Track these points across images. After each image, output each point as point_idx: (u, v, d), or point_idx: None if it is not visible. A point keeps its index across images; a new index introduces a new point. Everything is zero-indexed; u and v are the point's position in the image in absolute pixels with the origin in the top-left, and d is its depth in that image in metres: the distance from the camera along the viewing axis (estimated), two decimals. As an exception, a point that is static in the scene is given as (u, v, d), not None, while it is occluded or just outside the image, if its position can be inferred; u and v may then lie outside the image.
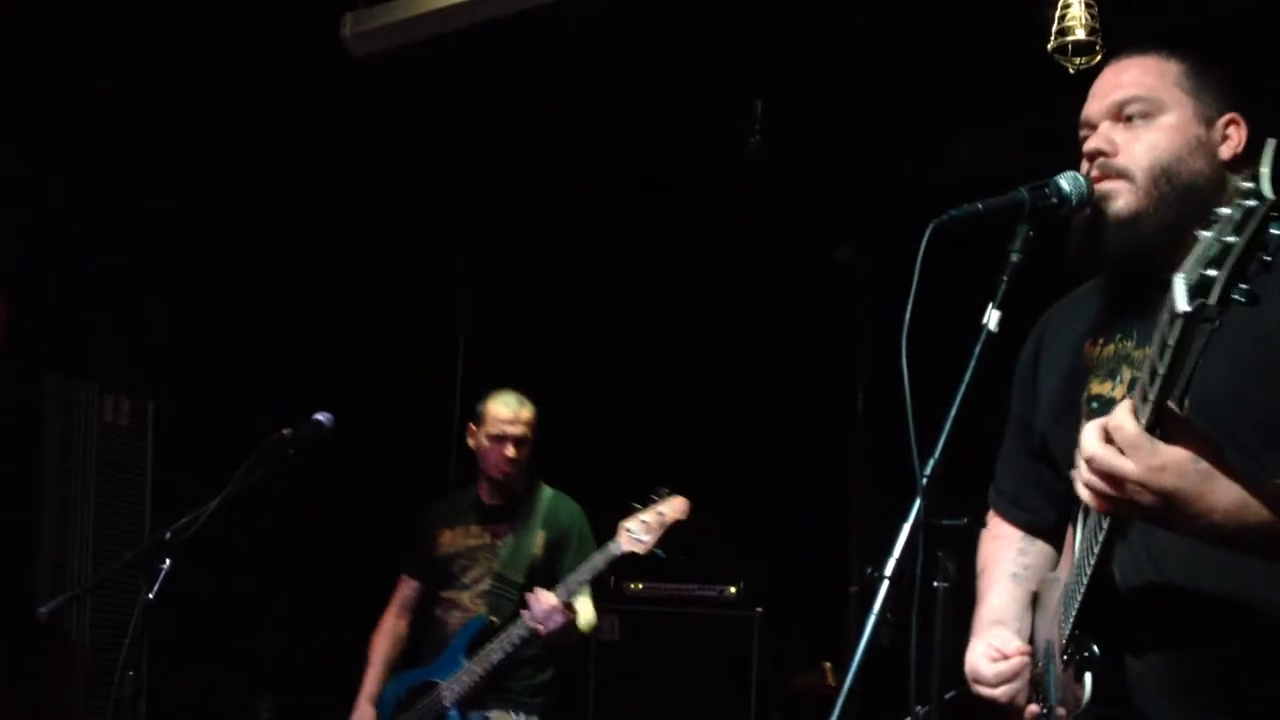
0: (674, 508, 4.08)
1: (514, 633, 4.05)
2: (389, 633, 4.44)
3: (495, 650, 4.07)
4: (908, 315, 1.85)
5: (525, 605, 4.05)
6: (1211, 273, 1.49)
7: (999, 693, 2.08)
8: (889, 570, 1.76)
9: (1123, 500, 1.66)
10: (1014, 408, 2.29)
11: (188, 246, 5.05)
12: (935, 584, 1.83)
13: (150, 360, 4.93)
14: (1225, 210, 1.52)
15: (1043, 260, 1.94)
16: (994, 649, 2.10)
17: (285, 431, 3.57)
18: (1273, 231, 1.49)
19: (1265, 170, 1.55)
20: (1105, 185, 1.99)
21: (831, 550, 5.61)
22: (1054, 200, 1.96)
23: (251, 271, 5.23)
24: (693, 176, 5.38)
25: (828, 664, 5.60)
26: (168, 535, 3.23)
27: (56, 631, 4.55)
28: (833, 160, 5.21)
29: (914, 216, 1.95)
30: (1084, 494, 1.72)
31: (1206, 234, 1.52)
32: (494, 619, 4.13)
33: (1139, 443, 1.63)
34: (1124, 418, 1.64)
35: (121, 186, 4.84)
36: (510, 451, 4.26)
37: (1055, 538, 2.21)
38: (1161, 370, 1.57)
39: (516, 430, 4.29)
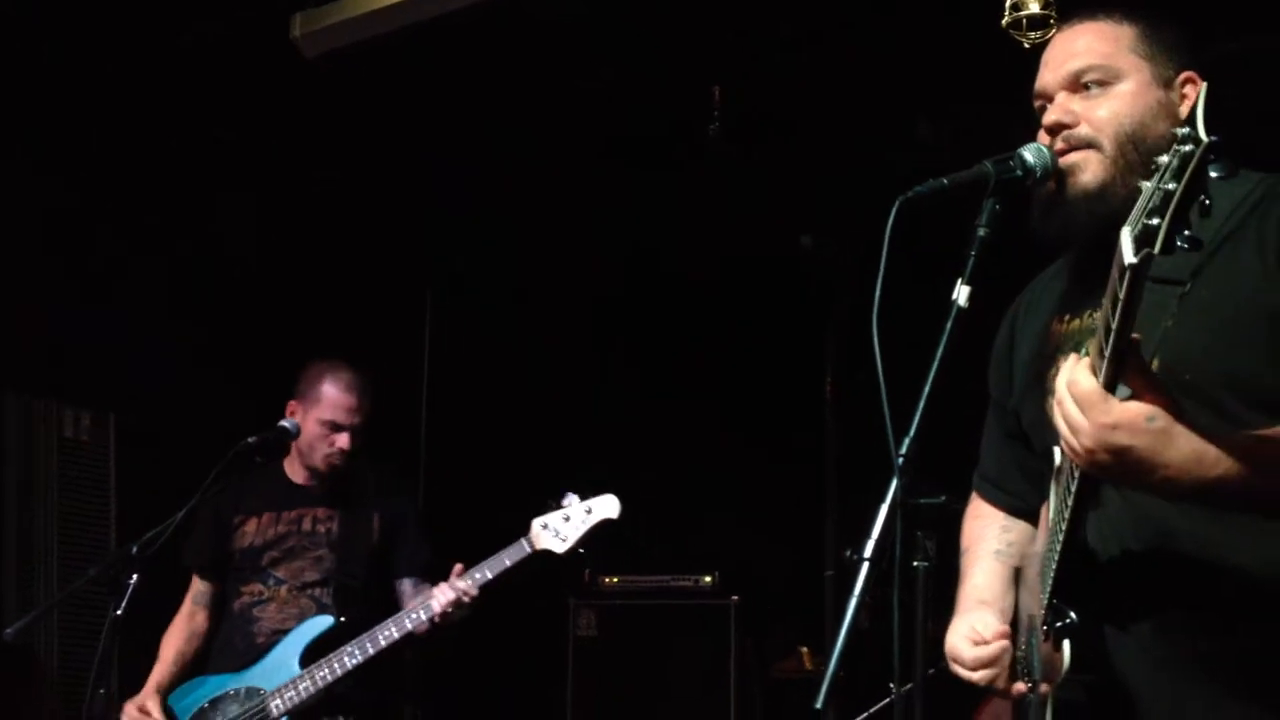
0: (602, 506, 3.71)
1: (378, 634, 3.57)
2: (183, 628, 3.87)
3: (349, 655, 3.57)
4: (877, 293, 1.83)
5: (369, 601, 3.68)
6: (1155, 221, 1.48)
7: (977, 676, 2.07)
8: (869, 552, 1.75)
9: (1081, 455, 1.67)
10: (992, 391, 2.29)
11: (143, 256, 4.99)
12: (915, 564, 1.82)
13: (110, 373, 4.86)
14: (1164, 158, 1.52)
15: (1012, 234, 1.93)
16: (975, 631, 2.09)
17: (251, 439, 3.54)
18: (1211, 174, 1.49)
19: (1200, 112, 1.55)
20: (1072, 157, 1.97)
21: (806, 536, 5.60)
22: (1019, 173, 1.94)
23: (209, 279, 5.17)
24: (653, 164, 5.35)
25: (805, 649, 5.60)
26: (135, 550, 3.19)
27: (24, 651, 4.48)
28: (793, 146, 5.20)
29: (877, 200, 1.94)
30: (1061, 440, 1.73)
31: (1148, 184, 1.52)
32: (343, 619, 3.67)
33: (1093, 399, 1.63)
34: (1080, 373, 1.65)
35: (75, 196, 4.77)
36: (345, 444, 3.76)
37: (1037, 518, 2.20)
38: (1114, 325, 1.57)
39: (357, 420, 3.77)
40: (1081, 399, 1.64)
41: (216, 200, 5.17)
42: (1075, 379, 1.65)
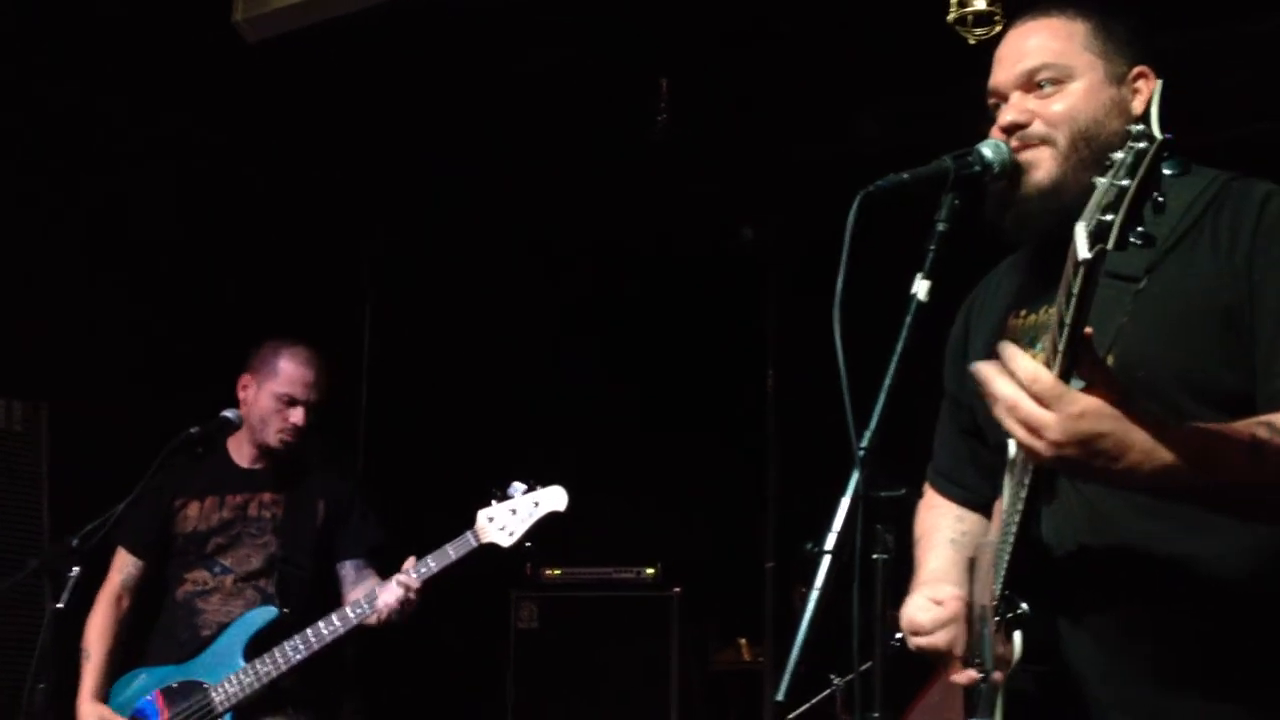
0: (550, 499, 3.65)
1: (323, 629, 3.51)
2: (110, 620, 3.71)
3: (294, 649, 3.49)
4: (839, 287, 1.83)
5: (314, 592, 3.62)
6: (1108, 217, 1.50)
7: (937, 639, 2.05)
8: (829, 545, 1.75)
9: (1045, 451, 1.65)
10: (947, 385, 2.30)
11: (74, 243, 4.89)
12: (874, 557, 1.82)
13: (43, 362, 4.76)
14: (1119, 154, 1.54)
15: (970, 228, 1.94)
16: (929, 599, 2.09)
17: (192, 430, 3.49)
18: (1164, 171, 1.51)
19: (1154, 110, 1.57)
20: (1027, 154, 1.98)
21: (747, 528, 5.64)
22: (978, 168, 1.95)
23: (142, 266, 5.08)
24: (598, 156, 5.35)
25: (744, 640, 5.64)
26: (75, 542, 3.13)
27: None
28: (737, 138, 5.21)
29: (819, 194, 1.94)
30: (1015, 440, 1.70)
31: (1102, 180, 1.54)
32: (287, 610, 3.60)
33: (1053, 392, 1.62)
34: (1036, 369, 1.63)
35: (2, 183, 4.66)
36: (300, 419, 3.69)
37: (990, 511, 2.21)
38: (1068, 319, 1.58)
39: (313, 396, 3.72)
40: (1043, 394, 1.62)
41: (149, 186, 5.08)
42: (1035, 375, 1.63)
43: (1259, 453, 1.69)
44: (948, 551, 2.24)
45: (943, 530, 2.28)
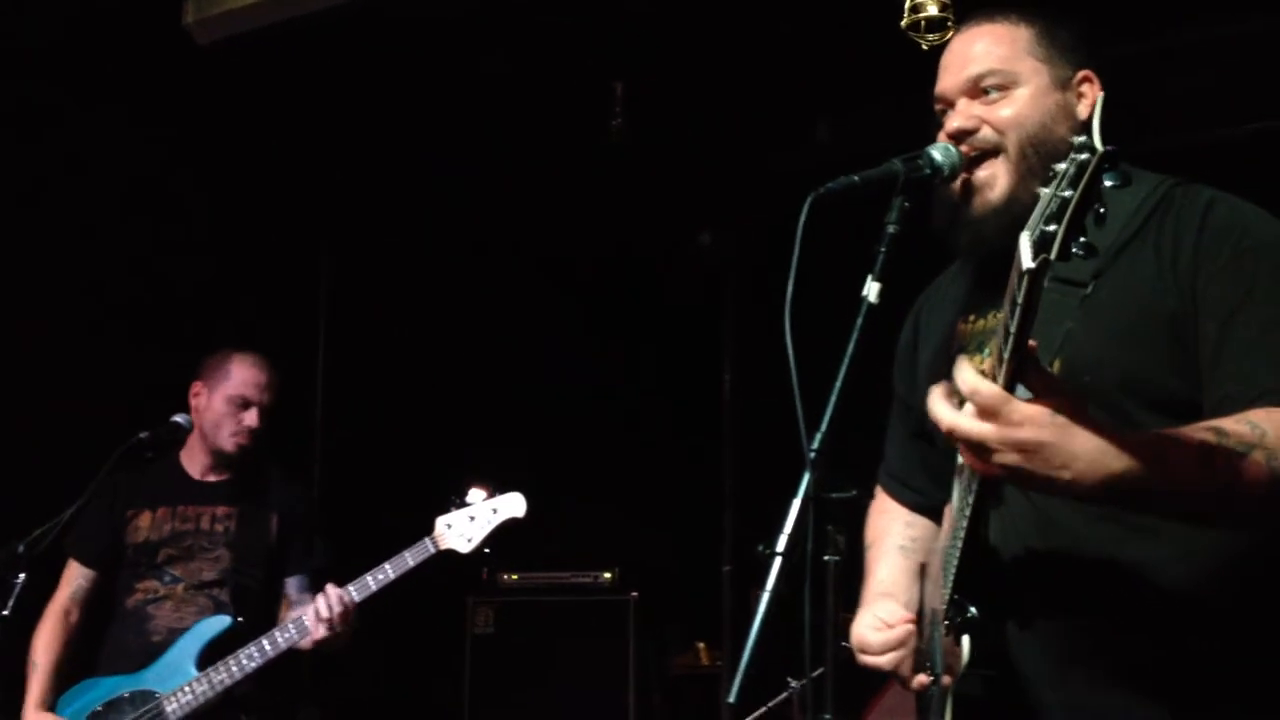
0: (508, 505, 3.67)
1: (278, 637, 3.49)
2: (59, 631, 3.67)
3: (248, 657, 3.48)
4: (790, 289, 1.84)
5: (267, 602, 3.63)
6: (1052, 228, 1.51)
7: (884, 660, 2.08)
8: (781, 546, 1.76)
9: (990, 463, 1.64)
10: (896, 390, 2.31)
11: (24, 244, 4.83)
12: (825, 558, 1.82)
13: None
14: (1061, 165, 1.55)
15: (921, 231, 1.95)
16: (879, 620, 2.11)
17: (143, 434, 3.47)
18: (1106, 183, 1.52)
19: (1096, 122, 1.58)
20: (980, 174, 1.99)
21: (704, 532, 5.64)
22: (928, 171, 1.97)
23: (91, 267, 5.03)
24: (555, 159, 5.34)
25: (702, 644, 5.64)
26: (21, 548, 3.10)
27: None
28: (693, 143, 5.22)
29: (776, 199, 1.95)
30: (964, 459, 1.71)
31: (1046, 190, 1.55)
32: (241, 619, 3.57)
33: (995, 403, 1.61)
34: (977, 381, 1.62)
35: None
36: (254, 421, 3.69)
37: (940, 514, 2.21)
38: (1013, 328, 1.58)
39: (266, 398, 3.72)
40: (985, 404, 1.62)
41: (100, 189, 5.02)
42: (974, 387, 1.62)
43: (1209, 458, 1.69)
44: (897, 559, 2.26)
45: (892, 536, 2.29)
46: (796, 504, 1.77)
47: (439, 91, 4.95)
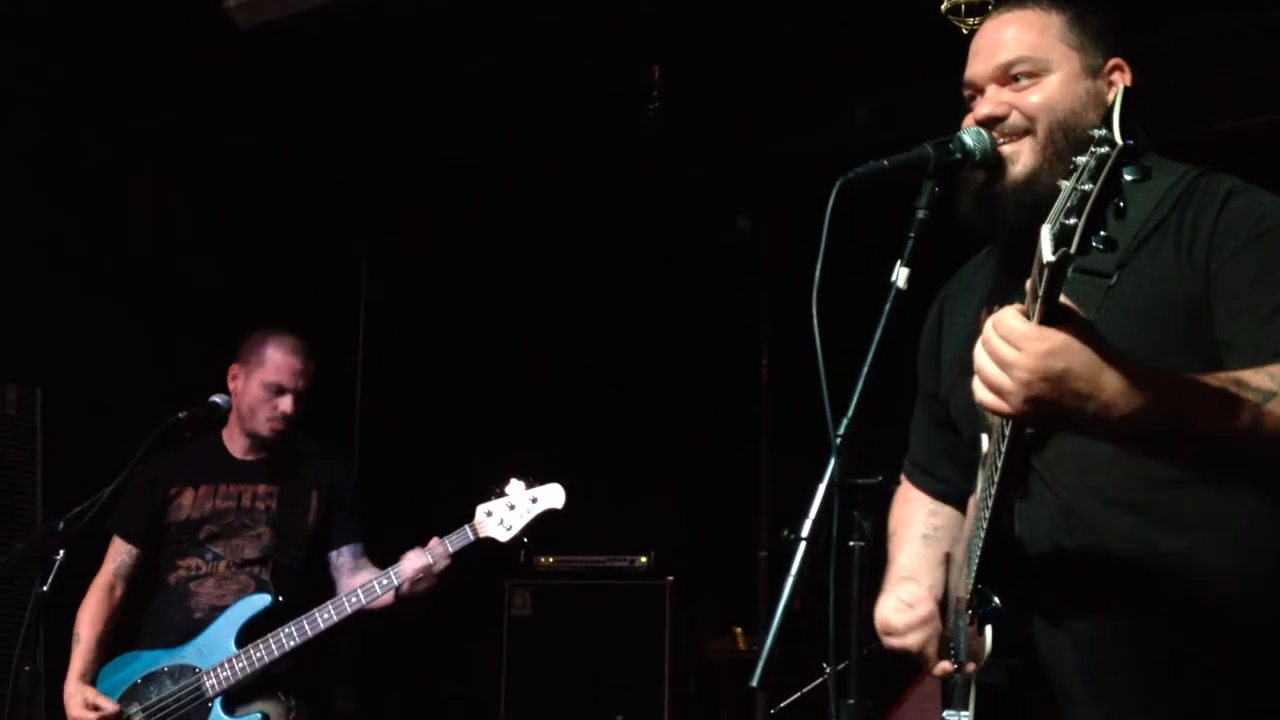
0: (548, 496, 3.69)
1: (318, 618, 3.53)
2: (103, 606, 3.71)
3: (287, 636, 3.51)
4: (817, 273, 1.83)
5: (307, 582, 3.65)
6: (1071, 221, 1.50)
7: (909, 640, 2.09)
8: (806, 531, 1.75)
9: (1014, 391, 1.61)
10: (921, 379, 2.30)
11: (70, 229, 4.90)
12: (851, 544, 1.82)
13: (36, 345, 4.76)
14: (1082, 158, 1.54)
15: (951, 216, 1.94)
16: (901, 601, 2.12)
17: (182, 414, 3.50)
18: (1126, 177, 1.51)
19: (1116, 114, 1.56)
20: (1007, 148, 1.98)
21: (740, 517, 5.64)
22: (958, 156, 1.95)
23: (138, 251, 5.09)
24: (591, 144, 5.34)
25: (739, 629, 5.64)
26: (60, 525, 3.14)
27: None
28: (731, 127, 5.20)
29: (815, 184, 1.94)
30: (980, 395, 1.66)
31: (1066, 183, 1.54)
32: (281, 598, 3.62)
33: (1027, 332, 1.59)
34: (1009, 315, 1.62)
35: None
36: (289, 407, 3.69)
37: (965, 504, 2.21)
38: (1034, 320, 1.59)
39: (301, 384, 3.71)
40: (1014, 334, 1.60)
41: (146, 170, 5.09)
42: (1003, 319, 1.61)
43: (1230, 403, 1.68)
44: (919, 547, 2.26)
45: (915, 525, 2.29)
46: (822, 489, 1.77)
47: (475, 78, 4.95)
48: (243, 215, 5.34)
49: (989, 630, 1.87)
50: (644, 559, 5.51)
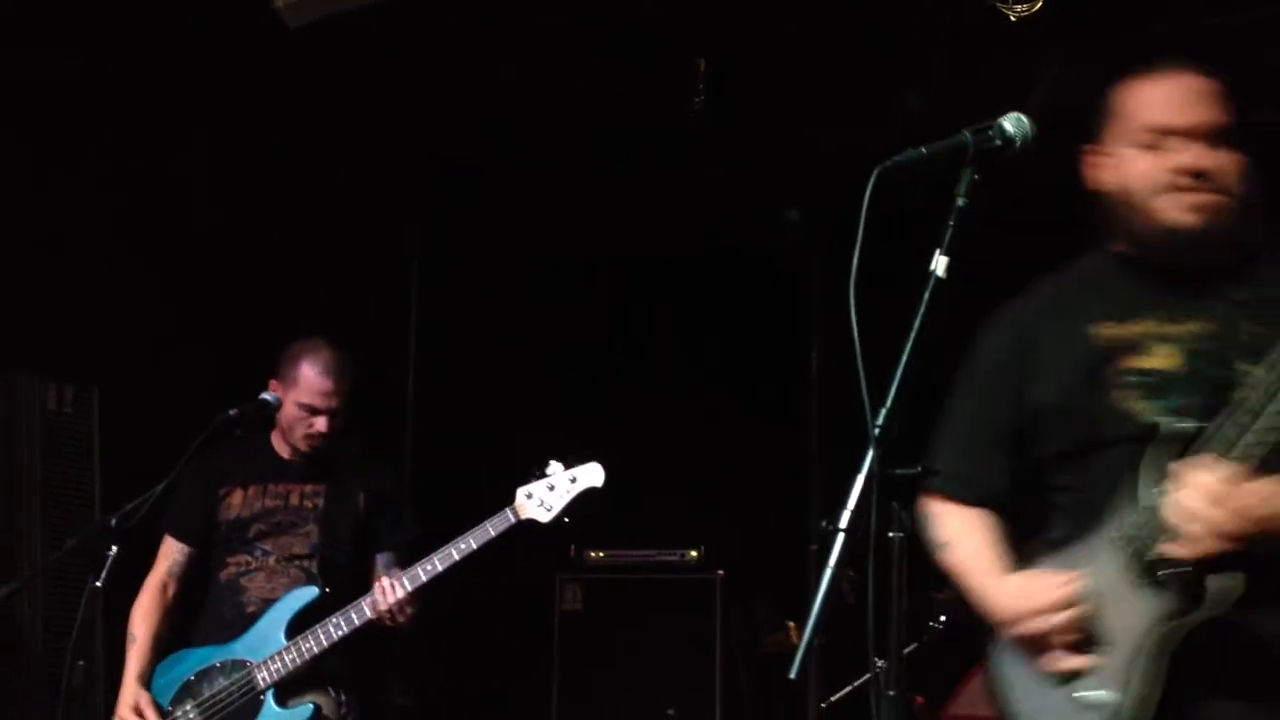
0: (587, 475, 3.67)
1: (365, 607, 3.56)
2: (156, 605, 3.75)
3: (335, 626, 3.55)
4: (854, 263, 1.82)
5: (354, 576, 3.69)
6: None
7: (1065, 616, 2.07)
8: (844, 523, 1.75)
9: (1215, 538, 1.90)
10: (978, 399, 2.30)
11: (123, 227, 4.96)
12: (890, 535, 1.81)
13: (93, 345, 4.83)
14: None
15: (989, 204, 1.92)
16: (1041, 578, 2.12)
17: (232, 412, 3.55)
18: None
19: None
20: (1208, 198, 2.10)
21: (791, 510, 5.60)
22: (998, 143, 1.94)
23: (193, 251, 5.14)
24: (638, 137, 5.33)
25: (792, 624, 5.61)
26: (113, 521, 3.18)
27: (7, 622, 4.46)
28: (780, 119, 5.17)
29: (863, 174, 1.92)
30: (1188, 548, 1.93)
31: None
32: (328, 590, 3.64)
33: (1224, 492, 1.89)
34: (1203, 475, 1.91)
35: (51, 168, 4.73)
36: (322, 426, 3.71)
37: (1005, 516, 2.28)
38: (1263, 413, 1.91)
39: (334, 403, 3.71)
40: (1213, 495, 1.90)
41: (199, 173, 5.14)
42: (1201, 480, 1.90)
43: None
44: (996, 550, 2.27)
45: (975, 532, 2.29)
46: (860, 480, 1.76)
47: (525, 69, 4.95)
48: (296, 214, 5.38)
49: (1211, 580, 1.95)
50: (694, 553, 5.50)
